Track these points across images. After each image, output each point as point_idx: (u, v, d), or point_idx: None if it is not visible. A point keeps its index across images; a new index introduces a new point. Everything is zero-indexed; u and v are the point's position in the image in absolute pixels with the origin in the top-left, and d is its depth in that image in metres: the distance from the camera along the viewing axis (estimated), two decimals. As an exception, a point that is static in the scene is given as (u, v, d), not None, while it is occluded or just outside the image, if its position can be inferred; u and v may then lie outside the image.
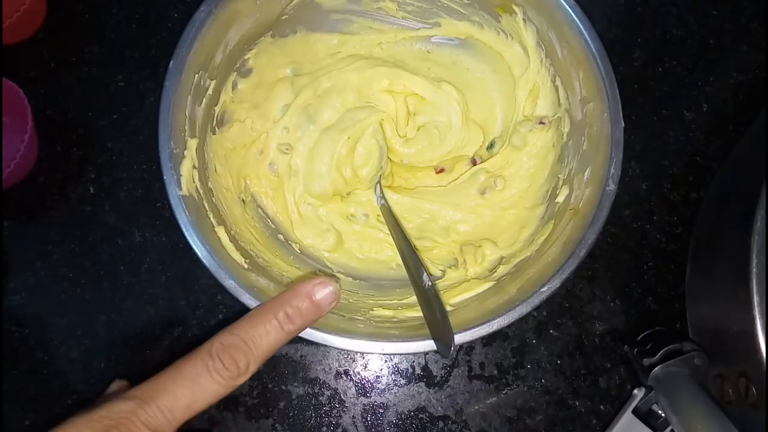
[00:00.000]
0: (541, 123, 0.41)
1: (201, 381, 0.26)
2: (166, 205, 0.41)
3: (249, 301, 0.33)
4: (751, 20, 0.49)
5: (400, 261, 0.38)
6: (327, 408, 0.42)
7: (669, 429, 0.40)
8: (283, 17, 0.41)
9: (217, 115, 0.39)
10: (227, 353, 0.27)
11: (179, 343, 0.42)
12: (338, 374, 0.43)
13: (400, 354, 0.43)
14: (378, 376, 0.43)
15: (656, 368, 0.39)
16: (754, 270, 0.35)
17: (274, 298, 0.29)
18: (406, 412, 0.43)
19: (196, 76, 0.36)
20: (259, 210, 0.42)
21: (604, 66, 0.36)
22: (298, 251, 0.41)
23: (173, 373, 0.26)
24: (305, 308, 0.29)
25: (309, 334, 0.32)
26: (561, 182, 0.39)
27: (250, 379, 0.42)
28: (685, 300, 0.44)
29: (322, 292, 0.29)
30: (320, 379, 0.43)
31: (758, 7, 0.49)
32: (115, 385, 0.39)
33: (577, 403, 0.43)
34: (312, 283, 0.30)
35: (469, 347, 0.44)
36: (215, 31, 0.36)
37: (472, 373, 0.43)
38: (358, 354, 0.43)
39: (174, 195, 0.34)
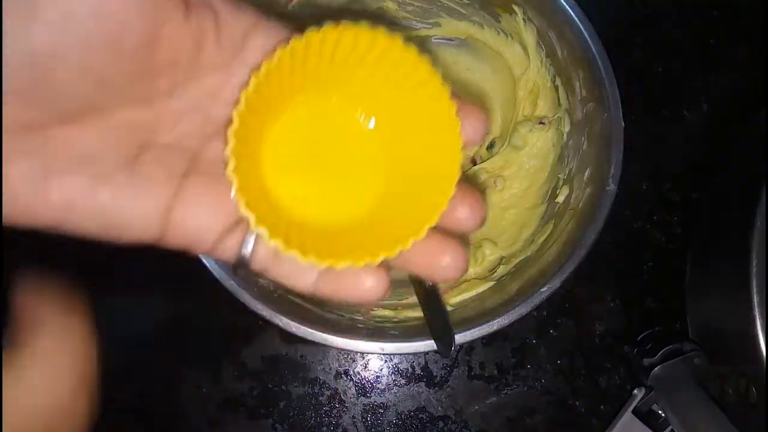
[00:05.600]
0: (541, 123, 0.41)
1: None
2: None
3: (249, 301, 0.33)
4: (751, 20, 0.49)
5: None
6: (327, 408, 0.42)
7: (669, 429, 0.40)
8: (284, 17, 0.41)
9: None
10: None
11: (179, 343, 0.42)
12: (338, 374, 0.43)
13: (400, 354, 0.43)
14: (378, 376, 0.43)
15: (656, 368, 0.39)
16: (754, 270, 0.35)
17: None
18: (406, 412, 0.43)
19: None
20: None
21: (604, 66, 0.36)
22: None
23: None
24: None
25: (309, 334, 0.32)
26: (561, 182, 0.39)
27: (250, 379, 0.42)
28: (685, 300, 0.44)
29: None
30: (320, 379, 0.43)
31: (758, 7, 0.49)
32: None
33: (577, 403, 0.43)
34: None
35: (469, 347, 0.44)
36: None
37: (472, 373, 0.43)
38: (358, 354, 0.43)
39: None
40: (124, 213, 0.18)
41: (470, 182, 0.43)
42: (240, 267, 0.20)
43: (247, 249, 0.20)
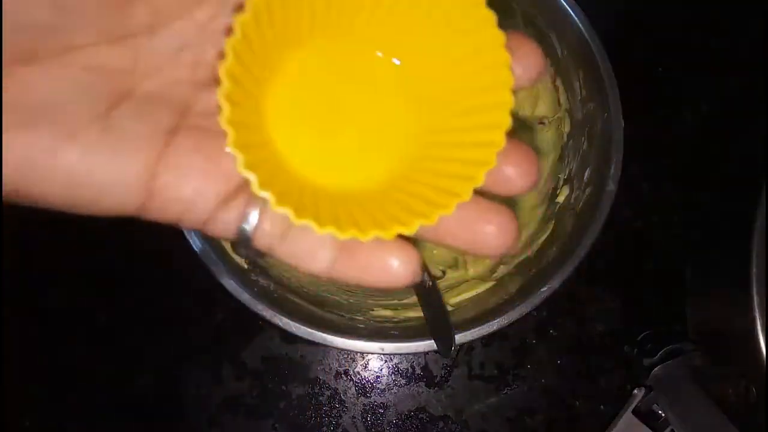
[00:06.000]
0: (541, 123, 0.41)
1: None
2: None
3: (249, 301, 0.33)
4: (751, 20, 0.49)
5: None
6: (327, 408, 0.42)
7: (669, 429, 0.40)
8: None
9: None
10: None
11: (179, 343, 0.42)
12: (338, 374, 0.43)
13: (400, 354, 0.43)
14: (378, 376, 0.43)
15: (656, 368, 0.39)
16: (755, 270, 0.35)
17: None
18: (406, 412, 0.43)
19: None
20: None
21: (604, 66, 0.36)
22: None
23: None
24: None
25: (309, 334, 0.32)
26: (561, 182, 0.39)
27: (251, 379, 0.42)
28: (685, 300, 0.44)
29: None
30: (320, 379, 0.43)
31: (758, 7, 0.49)
32: None
33: (577, 403, 0.43)
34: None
35: (469, 347, 0.44)
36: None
37: (472, 373, 0.43)
38: (358, 354, 0.43)
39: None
40: (95, 178, 0.15)
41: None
42: (241, 245, 0.17)
43: (249, 222, 0.16)
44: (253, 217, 0.16)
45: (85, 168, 0.15)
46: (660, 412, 0.40)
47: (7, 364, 0.41)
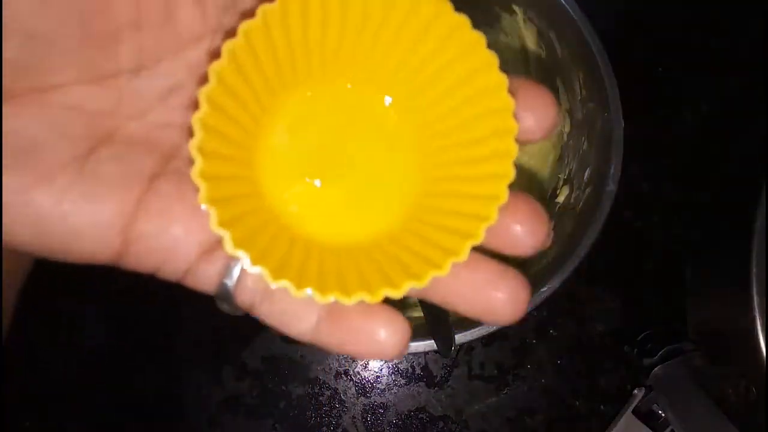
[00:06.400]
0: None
1: None
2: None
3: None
4: (751, 20, 0.49)
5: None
6: (327, 408, 0.42)
7: (669, 429, 0.40)
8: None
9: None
10: None
11: (179, 343, 0.42)
12: (338, 374, 0.43)
13: (400, 354, 0.43)
14: (378, 376, 0.43)
15: (656, 368, 0.39)
16: (755, 270, 0.35)
17: None
18: (406, 412, 0.43)
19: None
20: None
21: (604, 66, 0.36)
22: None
23: None
24: None
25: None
26: (561, 182, 0.39)
27: (250, 379, 0.42)
28: (685, 300, 0.44)
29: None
30: (320, 379, 0.43)
31: (758, 7, 0.49)
32: None
33: (577, 403, 0.43)
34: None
35: (469, 347, 0.44)
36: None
37: (472, 373, 0.43)
38: (358, 354, 0.43)
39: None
40: (68, 223, 0.14)
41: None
42: (222, 300, 0.16)
43: (232, 277, 0.15)
44: (236, 271, 0.15)
45: (58, 212, 0.14)
46: (660, 412, 0.40)
47: (8, 364, 0.41)
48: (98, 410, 0.42)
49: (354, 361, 0.43)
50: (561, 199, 0.38)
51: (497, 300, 0.16)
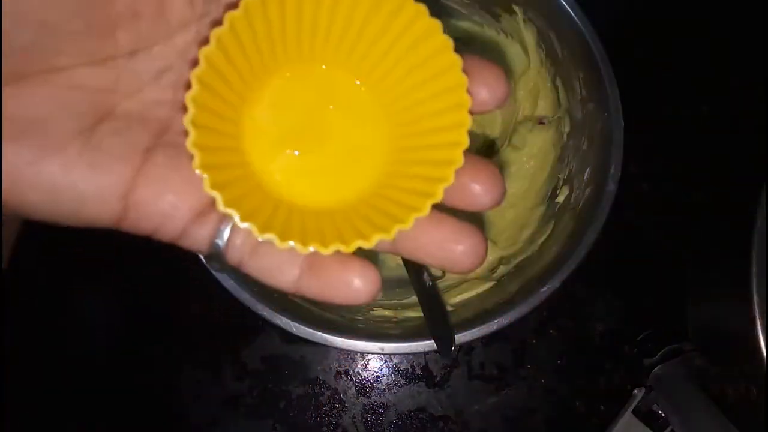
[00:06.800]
0: (541, 123, 0.41)
1: None
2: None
3: (249, 301, 0.33)
4: (752, 20, 0.49)
5: (400, 260, 0.38)
6: (327, 408, 0.42)
7: (669, 429, 0.40)
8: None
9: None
10: None
11: (179, 343, 0.42)
12: (338, 374, 0.43)
13: (400, 354, 0.43)
14: (378, 376, 0.43)
15: (656, 368, 0.39)
16: (754, 270, 0.35)
17: None
18: (406, 412, 0.43)
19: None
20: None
21: (604, 66, 0.36)
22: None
23: None
24: None
25: (309, 334, 0.32)
26: (561, 182, 0.39)
27: (250, 379, 0.42)
28: (685, 300, 0.44)
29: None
30: (320, 379, 0.43)
31: (759, 7, 0.49)
32: None
33: (577, 403, 0.43)
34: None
35: (469, 347, 0.44)
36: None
37: (472, 373, 0.43)
38: (358, 354, 0.43)
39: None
40: (75, 190, 0.16)
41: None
42: (213, 259, 0.18)
43: (222, 237, 0.17)
44: (226, 232, 0.17)
45: (67, 180, 0.16)
46: (660, 412, 0.40)
47: (8, 364, 0.41)
48: (98, 410, 0.42)
49: (354, 360, 0.43)
50: (561, 199, 0.38)
51: (458, 252, 0.18)
